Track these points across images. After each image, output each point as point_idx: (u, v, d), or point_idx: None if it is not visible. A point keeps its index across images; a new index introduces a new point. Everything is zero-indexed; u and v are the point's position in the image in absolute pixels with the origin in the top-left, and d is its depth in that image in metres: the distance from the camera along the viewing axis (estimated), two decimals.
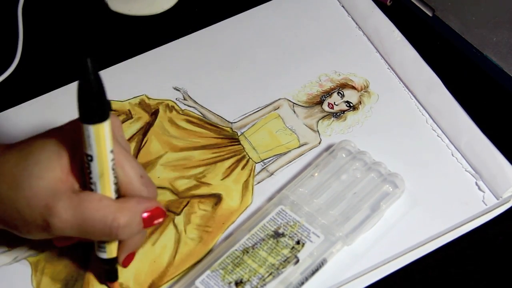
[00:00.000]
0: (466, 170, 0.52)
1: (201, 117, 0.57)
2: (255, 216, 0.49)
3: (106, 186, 0.42)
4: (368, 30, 0.62)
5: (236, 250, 0.46)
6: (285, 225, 0.47)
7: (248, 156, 0.54)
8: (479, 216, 0.50)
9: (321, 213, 0.48)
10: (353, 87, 0.58)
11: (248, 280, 0.45)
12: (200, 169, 0.54)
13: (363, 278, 0.47)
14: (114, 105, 0.58)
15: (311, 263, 0.46)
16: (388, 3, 0.64)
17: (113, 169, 0.42)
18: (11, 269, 0.49)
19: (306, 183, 0.50)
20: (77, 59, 0.37)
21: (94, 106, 0.39)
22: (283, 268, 0.45)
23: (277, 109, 0.57)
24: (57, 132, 0.43)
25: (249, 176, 0.53)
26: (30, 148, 0.42)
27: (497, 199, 0.50)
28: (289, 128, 0.56)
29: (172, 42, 0.63)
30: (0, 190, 0.42)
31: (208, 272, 0.46)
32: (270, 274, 0.45)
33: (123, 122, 0.57)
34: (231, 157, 0.54)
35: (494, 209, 0.50)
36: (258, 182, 0.53)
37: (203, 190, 0.52)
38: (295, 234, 0.47)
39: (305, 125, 0.56)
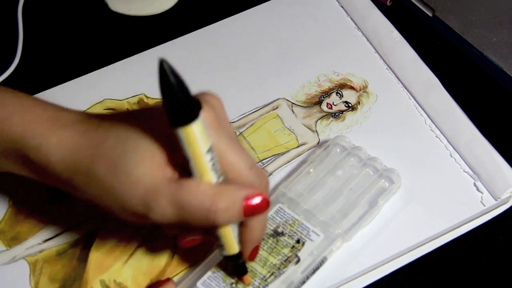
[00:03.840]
0: (464, 171, 0.52)
1: None
2: None
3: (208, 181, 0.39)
4: (367, 31, 0.61)
5: None
6: (284, 224, 0.47)
7: None
8: (477, 217, 0.50)
9: (319, 210, 0.48)
10: (352, 87, 0.58)
11: (250, 280, 0.45)
12: None
13: (363, 278, 0.47)
14: (112, 104, 0.58)
15: (311, 261, 0.46)
16: (388, 3, 0.64)
17: (214, 166, 0.39)
18: (10, 268, 0.49)
19: (302, 180, 0.50)
20: (158, 64, 0.34)
21: (178, 109, 0.35)
22: (284, 267, 0.45)
23: (275, 109, 0.57)
24: (159, 114, 0.39)
25: None
26: (128, 133, 0.40)
27: (495, 200, 0.50)
28: (288, 128, 0.56)
29: (170, 41, 0.63)
30: (97, 172, 0.40)
31: (209, 273, 0.46)
32: (272, 274, 0.45)
33: None
34: None
35: (492, 210, 0.50)
36: None
37: None
38: (295, 232, 0.47)
39: (304, 125, 0.56)
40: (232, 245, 0.42)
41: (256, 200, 0.40)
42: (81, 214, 0.51)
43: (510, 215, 0.50)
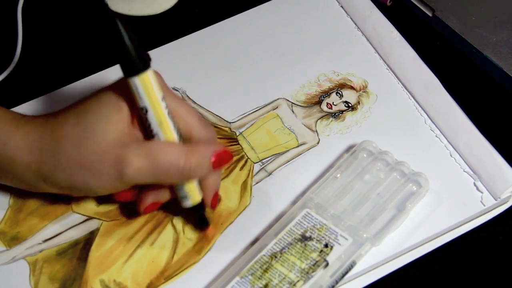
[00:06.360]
0: (464, 171, 0.52)
1: None
2: (281, 220, 0.48)
3: (168, 133, 0.43)
4: (367, 31, 0.62)
5: (264, 255, 0.46)
6: (312, 229, 0.47)
7: (247, 156, 0.54)
8: (477, 217, 0.50)
9: (347, 215, 0.48)
10: (352, 87, 0.58)
11: (278, 285, 0.45)
12: None
13: (363, 278, 0.47)
14: None
15: (340, 265, 0.45)
16: (388, 3, 0.64)
17: (169, 116, 0.43)
18: (9, 268, 0.49)
19: (329, 185, 0.50)
20: (106, 20, 0.38)
21: (132, 58, 0.40)
22: (313, 272, 0.45)
23: (275, 108, 0.57)
24: (110, 88, 0.44)
25: (248, 176, 0.53)
26: (86, 107, 0.43)
27: (495, 200, 0.50)
28: (288, 128, 0.56)
29: (170, 43, 0.63)
30: (64, 151, 0.42)
31: (237, 278, 0.45)
32: (300, 278, 0.45)
33: None
34: None
35: (492, 209, 0.50)
36: (257, 182, 0.53)
37: None
38: (323, 237, 0.46)
39: (304, 125, 0.56)
40: (196, 194, 0.47)
41: (223, 154, 0.44)
42: (81, 214, 0.51)
43: (510, 215, 0.50)
